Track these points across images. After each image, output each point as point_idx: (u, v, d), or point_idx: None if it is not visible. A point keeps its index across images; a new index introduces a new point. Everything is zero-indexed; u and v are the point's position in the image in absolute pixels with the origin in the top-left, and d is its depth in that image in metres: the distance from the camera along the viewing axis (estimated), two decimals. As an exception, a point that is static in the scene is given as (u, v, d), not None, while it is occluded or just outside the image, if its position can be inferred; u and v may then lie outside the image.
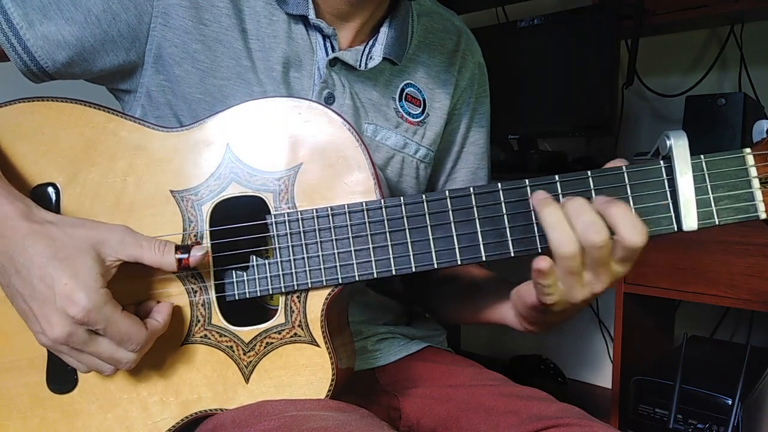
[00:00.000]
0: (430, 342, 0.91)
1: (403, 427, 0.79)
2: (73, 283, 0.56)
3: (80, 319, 0.56)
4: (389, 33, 0.80)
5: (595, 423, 0.70)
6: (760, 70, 1.59)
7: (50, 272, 0.56)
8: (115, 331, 0.57)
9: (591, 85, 1.59)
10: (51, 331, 0.57)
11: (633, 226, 0.56)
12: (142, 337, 0.59)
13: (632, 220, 0.56)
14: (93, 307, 0.56)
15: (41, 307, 0.57)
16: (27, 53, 0.69)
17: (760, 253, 1.19)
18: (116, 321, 0.57)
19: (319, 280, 0.63)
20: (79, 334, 0.57)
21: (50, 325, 0.57)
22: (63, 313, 0.56)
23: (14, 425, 0.65)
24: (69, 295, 0.56)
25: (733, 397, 1.20)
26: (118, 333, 0.58)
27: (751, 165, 0.59)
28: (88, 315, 0.56)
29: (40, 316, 0.57)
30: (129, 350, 0.59)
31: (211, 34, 0.73)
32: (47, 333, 0.57)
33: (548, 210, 0.58)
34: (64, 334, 0.57)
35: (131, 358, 0.60)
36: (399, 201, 0.63)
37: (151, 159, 0.66)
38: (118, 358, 0.59)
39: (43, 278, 0.57)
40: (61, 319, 0.56)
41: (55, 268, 0.56)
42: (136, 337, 0.59)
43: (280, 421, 0.59)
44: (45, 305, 0.57)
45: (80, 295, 0.56)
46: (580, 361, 1.95)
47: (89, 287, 0.56)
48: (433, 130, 0.86)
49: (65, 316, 0.56)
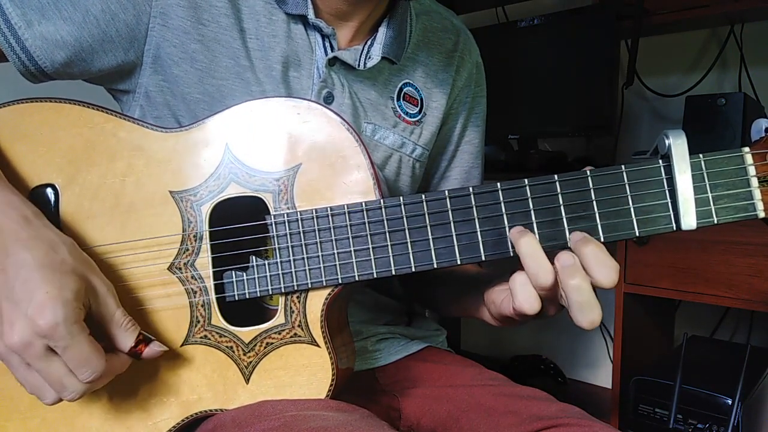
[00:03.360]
0: (430, 342, 0.91)
1: (403, 427, 0.79)
2: (55, 294, 0.54)
3: (45, 331, 0.53)
4: (388, 32, 0.80)
5: (595, 423, 0.70)
6: (760, 70, 1.59)
7: (37, 278, 0.54)
8: (75, 352, 0.54)
9: (591, 85, 1.59)
10: (9, 335, 0.54)
11: (605, 266, 0.56)
12: (99, 366, 0.55)
13: (605, 261, 0.56)
14: (63, 322, 0.53)
15: (11, 310, 0.54)
16: (25, 53, 0.69)
17: (760, 253, 1.19)
18: (79, 342, 0.54)
19: (319, 280, 0.63)
20: (36, 346, 0.54)
21: (11, 329, 0.54)
22: (29, 321, 0.53)
23: (14, 426, 0.65)
24: (44, 304, 0.53)
25: (733, 397, 1.20)
26: (77, 356, 0.54)
27: (750, 164, 0.59)
28: (54, 329, 0.53)
29: (5, 318, 0.55)
30: (81, 378, 0.55)
31: (209, 34, 0.73)
32: (5, 336, 0.54)
33: (525, 240, 0.59)
34: (21, 342, 0.53)
35: (78, 389, 0.56)
36: (398, 201, 0.63)
37: (150, 159, 0.66)
38: (65, 383, 0.56)
39: (27, 281, 0.54)
40: (24, 326, 0.53)
41: (43, 276, 0.54)
42: (94, 364, 0.55)
43: (280, 421, 0.59)
44: (16, 308, 0.54)
45: (56, 307, 0.53)
46: (580, 361, 1.95)
47: (67, 302, 0.54)
48: (429, 130, 0.86)
49: (30, 324, 0.53)
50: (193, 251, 0.65)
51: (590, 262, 0.56)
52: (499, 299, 0.65)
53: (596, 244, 0.57)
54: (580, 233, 0.59)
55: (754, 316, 1.61)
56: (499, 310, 0.65)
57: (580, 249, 0.57)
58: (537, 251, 0.58)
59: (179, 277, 0.65)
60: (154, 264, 0.65)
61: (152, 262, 0.65)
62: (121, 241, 0.64)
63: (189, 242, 0.65)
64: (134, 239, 0.65)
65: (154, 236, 0.65)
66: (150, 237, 0.65)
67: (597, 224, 0.61)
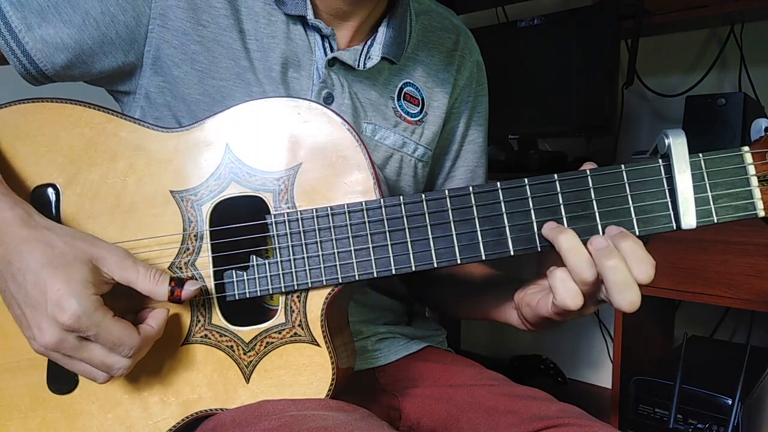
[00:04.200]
0: (430, 342, 0.91)
1: (403, 426, 0.79)
2: (66, 289, 0.55)
3: (70, 325, 0.55)
4: (387, 32, 0.80)
5: (595, 423, 0.70)
6: (760, 70, 1.59)
7: (44, 278, 0.56)
8: (106, 336, 0.57)
9: (591, 85, 1.59)
10: (42, 337, 0.56)
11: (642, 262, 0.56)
12: (134, 341, 0.58)
13: (642, 257, 0.56)
14: (83, 313, 0.55)
15: (33, 313, 0.57)
16: (26, 57, 0.69)
17: (760, 253, 1.19)
18: (107, 326, 0.57)
19: (319, 280, 0.63)
20: (70, 340, 0.56)
21: (41, 332, 0.56)
22: (53, 320, 0.55)
23: (15, 426, 0.65)
24: (60, 301, 0.55)
25: (733, 397, 1.20)
26: (110, 338, 0.57)
27: (750, 163, 0.60)
28: (78, 321, 0.55)
29: (32, 322, 0.57)
30: (122, 355, 0.58)
31: (209, 35, 0.73)
32: (38, 339, 0.57)
33: (564, 236, 0.58)
34: (54, 340, 0.56)
35: (124, 364, 0.59)
36: (398, 200, 0.63)
37: (151, 159, 0.66)
38: (110, 363, 0.58)
39: (36, 284, 0.56)
40: (51, 326, 0.56)
41: (49, 275, 0.56)
42: (129, 341, 0.58)
43: (280, 421, 0.59)
44: (37, 311, 0.56)
45: (71, 302, 0.55)
46: (580, 361, 1.95)
47: (80, 293, 0.56)
48: (431, 129, 0.86)
49: (55, 323, 0.56)
50: (193, 251, 0.65)
51: (628, 258, 0.56)
52: (535, 301, 0.64)
53: (633, 239, 0.57)
54: (616, 227, 0.59)
55: (754, 316, 1.61)
56: (536, 311, 0.64)
57: (618, 244, 0.57)
58: (578, 246, 0.58)
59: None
60: (154, 264, 0.65)
61: (153, 262, 0.65)
62: (122, 241, 0.65)
63: (189, 242, 0.65)
64: (135, 239, 0.65)
65: (155, 236, 0.65)
66: (151, 236, 0.65)
67: (597, 224, 0.61)
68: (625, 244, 0.56)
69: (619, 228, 0.59)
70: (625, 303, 0.56)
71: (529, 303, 0.65)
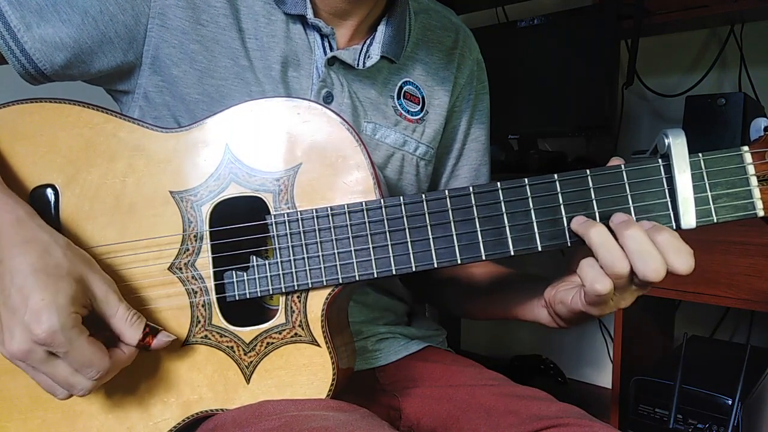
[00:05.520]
0: (430, 342, 0.91)
1: (403, 427, 0.79)
2: (49, 300, 0.54)
3: (43, 339, 0.54)
4: (387, 31, 0.80)
5: (595, 423, 0.70)
6: (760, 70, 1.59)
7: (31, 284, 0.55)
8: (76, 356, 0.55)
9: (591, 85, 1.59)
10: (10, 344, 0.55)
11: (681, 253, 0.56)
12: (103, 365, 0.56)
13: (680, 248, 0.56)
14: (59, 329, 0.54)
15: (9, 317, 0.55)
16: (25, 56, 0.68)
17: (760, 253, 1.19)
18: (79, 346, 0.55)
19: (320, 280, 0.63)
20: (38, 353, 0.55)
21: (11, 338, 0.55)
22: (27, 329, 0.54)
23: (15, 426, 0.65)
24: (39, 311, 0.54)
25: (733, 397, 1.20)
26: (79, 359, 0.55)
27: (749, 163, 0.59)
28: (51, 336, 0.54)
29: (5, 325, 0.56)
30: (87, 377, 0.57)
31: (208, 35, 0.73)
32: (6, 345, 0.55)
33: (595, 230, 0.58)
34: (21, 350, 0.55)
35: (86, 386, 0.57)
36: (398, 201, 0.63)
37: (150, 160, 0.66)
38: (73, 383, 0.57)
39: (21, 289, 0.55)
40: (23, 335, 0.54)
41: (37, 281, 0.55)
42: (97, 365, 0.56)
43: (280, 421, 0.59)
44: (13, 316, 0.55)
45: (50, 315, 0.54)
46: (580, 361, 1.95)
47: (62, 309, 0.54)
48: (432, 128, 0.86)
49: (28, 333, 0.54)
50: (193, 251, 0.65)
51: (666, 250, 0.56)
52: (569, 297, 0.64)
53: (669, 231, 0.57)
54: (648, 222, 0.59)
55: (754, 316, 1.61)
56: (570, 307, 0.64)
57: (654, 237, 0.57)
58: (609, 239, 0.57)
59: (180, 277, 0.65)
60: (154, 264, 0.65)
61: (153, 263, 0.65)
62: (121, 242, 0.65)
63: (189, 242, 0.65)
64: (135, 239, 0.65)
65: (155, 236, 0.65)
66: (150, 237, 0.65)
67: (597, 224, 0.61)
68: (660, 237, 0.56)
69: (652, 222, 0.59)
70: (650, 271, 0.55)
71: (562, 300, 0.65)
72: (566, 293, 0.65)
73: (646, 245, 0.56)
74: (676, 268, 0.56)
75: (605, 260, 0.57)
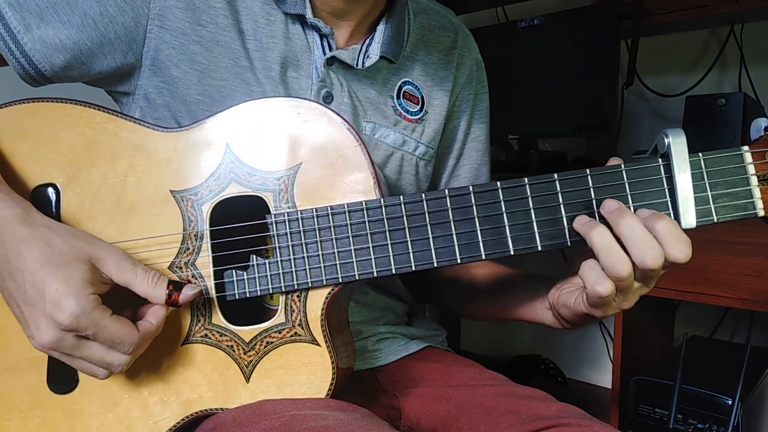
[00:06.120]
0: (430, 342, 0.91)
1: (403, 426, 0.79)
2: (64, 289, 0.55)
3: (68, 325, 0.55)
4: (386, 31, 0.80)
5: (595, 423, 0.70)
6: (760, 70, 1.59)
7: (42, 277, 0.56)
8: (105, 334, 0.57)
9: (591, 85, 1.59)
10: (39, 336, 0.56)
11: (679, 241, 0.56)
12: (133, 338, 0.58)
13: (679, 236, 0.56)
14: (81, 313, 0.55)
15: (31, 312, 0.57)
16: (25, 57, 0.69)
17: (760, 253, 1.19)
18: (106, 325, 0.57)
19: (319, 280, 0.63)
20: (68, 339, 0.57)
21: (39, 331, 0.56)
22: (51, 319, 0.56)
23: (15, 425, 0.65)
24: (57, 300, 0.55)
25: (733, 397, 1.20)
26: (109, 336, 0.57)
27: (749, 162, 0.60)
28: (76, 321, 0.55)
29: (30, 321, 0.57)
30: (122, 352, 0.58)
31: (208, 35, 0.73)
32: (36, 339, 0.57)
33: (597, 231, 0.58)
34: (52, 340, 0.56)
35: (123, 361, 0.59)
36: (398, 200, 0.63)
37: (151, 159, 0.66)
38: (109, 361, 0.58)
39: (34, 283, 0.56)
40: (49, 325, 0.56)
41: (47, 274, 0.56)
42: (128, 339, 0.58)
43: (280, 421, 0.59)
44: (35, 310, 0.56)
45: (68, 301, 0.55)
46: (580, 361, 1.95)
47: (78, 293, 0.56)
48: (431, 127, 0.86)
49: (53, 322, 0.56)
50: (193, 250, 0.65)
51: (664, 238, 0.56)
52: (572, 300, 0.65)
53: (668, 219, 0.57)
54: (647, 210, 0.59)
55: (754, 316, 1.61)
56: (575, 310, 0.65)
57: (652, 225, 0.57)
58: (611, 241, 0.57)
59: (180, 277, 0.65)
60: (155, 263, 0.65)
61: (153, 262, 0.65)
62: (122, 241, 0.65)
63: (190, 241, 0.65)
64: (135, 238, 0.65)
65: (155, 235, 0.65)
66: (151, 236, 0.65)
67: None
68: (659, 224, 0.57)
69: (650, 210, 0.59)
70: (649, 258, 0.56)
71: (565, 303, 0.66)
72: (569, 296, 0.66)
73: (641, 232, 0.56)
74: (673, 256, 0.56)
75: (606, 262, 0.57)
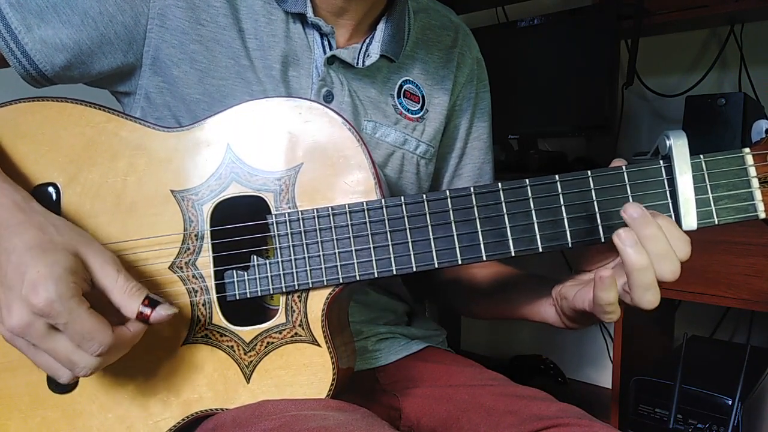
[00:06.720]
0: (430, 342, 0.91)
1: (403, 426, 0.79)
2: (45, 272, 0.53)
3: (41, 309, 0.52)
4: (386, 30, 0.80)
5: (595, 423, 0.70)
6: (760, 70, 1.59)
7: (27, 260, 0.54)
8: (77, 327, 0.54)
9: (591, 85, 1.59)
10: (9, 319, 0.54)
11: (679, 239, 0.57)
12: (105, 339, 0.54)
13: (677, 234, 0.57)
14: (57, 298, 0.52)
15: (6, 294, 0.54)
16: (26, 58, 0.69)
17: (760, 253, 1.19)
18: (80, 316, 0.54)
19: (320, 280, 0.63)
20: (37, 326, 0.54)
21: (9, 313, 0.54)
22: (25, 301, 0.53)
23: (15, 425, 0.65)
24: (36, 282, 0.53)
25: (733, 397, 1.20)
26: (80, 330, 0.54)
27: (751, 165, 0.60)
28: (50, 305, 0.52)
29: (2, 303, 0.55)
30: (90, 353, 0.55)
31: (208, 34, 0.73)
32: (5, 322, 0.54)
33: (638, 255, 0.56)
34: (21, 324, 0.53)
35: (89, 363, 0.55)
36: (399, 201, 0.63)
37: (151, 159, 0.66)
38: (75, 360, 0.55)
39: (18, 265, 0.54)
40: (22, 308, 0.53)
41: (33, 257, 0.54)
42: (99, 337, 0.54)
43: (280, 421, 0.59)
44: (11, 291, 0.54)
45: (47, 284, 0.52)
46: (580, 361, 1.95)
47: (60, 278, 0.53)
48: (432, 126, 0.86)
49: (26, 305, 0.53)
50: (194, 250, 0.65)
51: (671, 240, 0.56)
52: (572, 294, 0.65)
53: (664, 217, 0.58)
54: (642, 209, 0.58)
55: (754, 316, 1.61)
56: (572, 304, 0.65)
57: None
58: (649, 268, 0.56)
59: (180, 277, 0.65)
60: (155, 263, 0.65)
61: (153, 262, 0.65)
62: (122, 240, 0.65)
63: (190, 241, 0.65)
64: (135, 238, 0.65)
65: (156, 235, 0.65)
66: (151, 236, 0.65)
67: (598, 225, 0.61)
68: (659, 221, 0.57)
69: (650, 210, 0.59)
70: (668, 273, 0.56)
71: (565, 295, 0.66)
72: (570, 289, 0.66)
73: (665, 247, 0.56)
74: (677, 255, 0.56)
75: (636, 284, 0.56)
